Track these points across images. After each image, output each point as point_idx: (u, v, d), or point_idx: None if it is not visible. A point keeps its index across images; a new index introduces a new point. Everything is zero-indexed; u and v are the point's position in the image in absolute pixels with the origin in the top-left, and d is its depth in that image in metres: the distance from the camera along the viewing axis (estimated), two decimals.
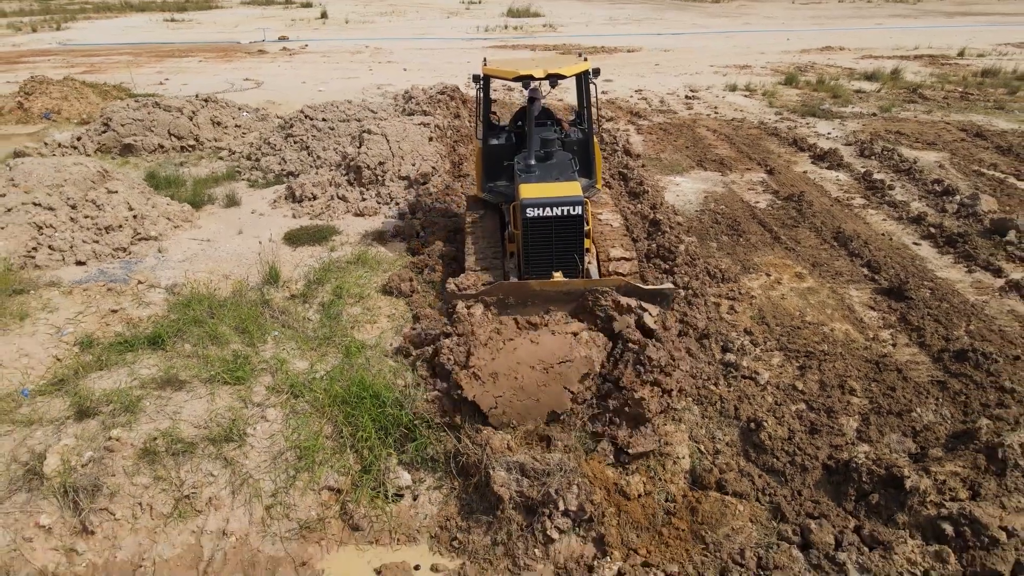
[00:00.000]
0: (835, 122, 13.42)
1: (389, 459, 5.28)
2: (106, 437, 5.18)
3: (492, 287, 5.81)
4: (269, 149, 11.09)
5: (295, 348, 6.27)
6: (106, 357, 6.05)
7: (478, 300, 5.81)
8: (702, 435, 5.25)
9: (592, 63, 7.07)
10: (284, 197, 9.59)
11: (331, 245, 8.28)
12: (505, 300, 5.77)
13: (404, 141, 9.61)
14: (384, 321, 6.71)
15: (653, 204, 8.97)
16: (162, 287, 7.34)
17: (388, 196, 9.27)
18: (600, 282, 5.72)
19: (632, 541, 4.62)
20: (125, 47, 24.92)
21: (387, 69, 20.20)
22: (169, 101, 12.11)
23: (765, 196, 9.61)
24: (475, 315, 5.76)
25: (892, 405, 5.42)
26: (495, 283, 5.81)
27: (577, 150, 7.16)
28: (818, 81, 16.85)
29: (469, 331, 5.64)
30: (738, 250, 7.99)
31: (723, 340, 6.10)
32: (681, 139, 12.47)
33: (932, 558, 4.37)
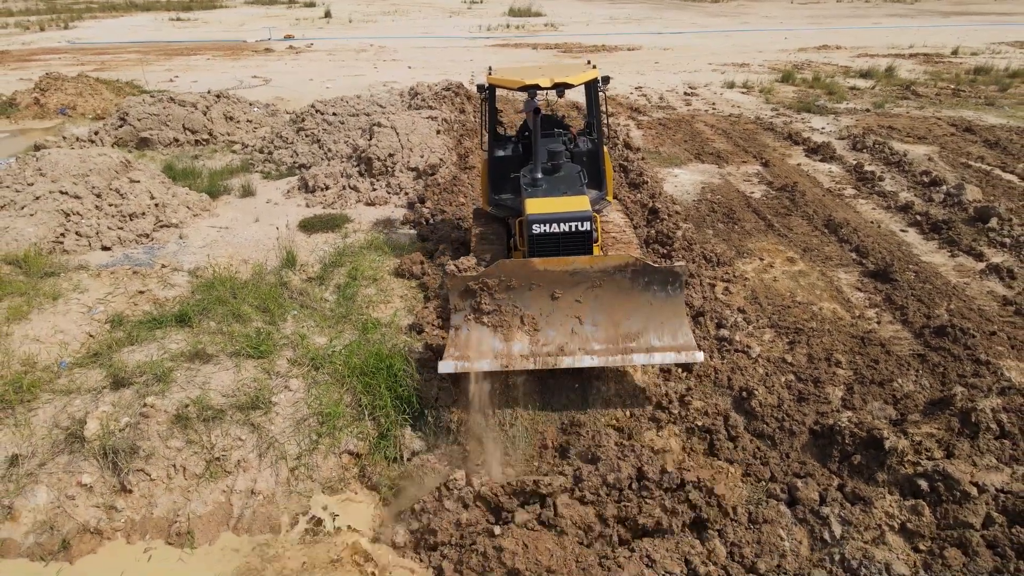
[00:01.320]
0: (829, 117, 13.79)
1: (404, 427, 5.66)
2: (141, 404, 5.56)
3: (493, 267, 5.44)
4: (281, 142, 11.46)
5: (314, 325, 6.65)
6: (136, 333, 6.43)
7: (479, 283, 5.43)
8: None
9: (601, 71, 6.86)
10: (297, 188, 9.96)
11: (344, 232, 8.66)
12: (507, 282, 5.38)
13: (413, 134, 9.99)
14: (397, 301, 7.09)
15: (652, 194, 9.35)
16: (185, 270, 7.72)
17: (398, 186, 9.64)
18: (608, 259, 5.39)
19: None
20: (133, 45, 25.31)
21: (392, 67, 20.58)
22: (184, 96, 12.50)
23: (760, 187, 9.98)
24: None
25: (875, 376, 5.79)
26: (496, 262, 5.49)
27: (586, 161, 6.97)
28: (814, 78, 17.23)
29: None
30: (733, 236, 8.37)
31: (717, 318, 6.47)
32: (679, 134, 12.84)
33: (908, 511, 4.74)
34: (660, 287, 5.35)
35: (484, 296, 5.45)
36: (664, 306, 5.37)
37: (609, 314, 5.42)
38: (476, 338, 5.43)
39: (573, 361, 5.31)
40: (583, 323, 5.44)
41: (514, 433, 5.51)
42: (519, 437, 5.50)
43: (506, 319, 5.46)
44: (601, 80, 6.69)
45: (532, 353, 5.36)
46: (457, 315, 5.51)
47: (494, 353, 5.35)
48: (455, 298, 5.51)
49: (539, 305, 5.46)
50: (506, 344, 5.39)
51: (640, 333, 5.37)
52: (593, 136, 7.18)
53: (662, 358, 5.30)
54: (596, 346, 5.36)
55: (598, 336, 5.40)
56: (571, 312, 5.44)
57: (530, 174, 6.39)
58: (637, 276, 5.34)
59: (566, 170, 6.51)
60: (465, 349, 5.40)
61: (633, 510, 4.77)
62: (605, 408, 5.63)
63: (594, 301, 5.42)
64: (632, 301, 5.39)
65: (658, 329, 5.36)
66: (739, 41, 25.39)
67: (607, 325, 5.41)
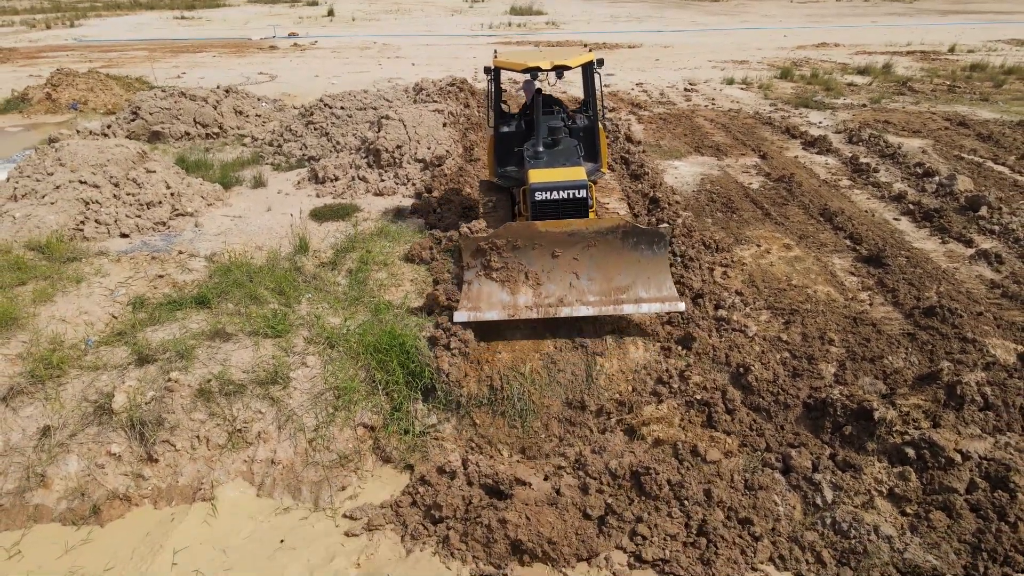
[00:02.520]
0: (827, 112, 14.06)
1: (416, 401, 5.93)
2: (165, 379, 5.83)
3: (500, 229, 6.09)
4: (290, 136, 11.73)
5: (328, 307, 6.91)
6: (158, 314, 6.69)
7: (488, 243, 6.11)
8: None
9: (596, 54, 7.55)
10: (307, 179, 10.23)
11: (354, 220, 8.92)
12: (513, 242, 6.08)
13: (420, 126, 10.25)
14: (408, 284, 7.35)
15: (653, 184, 9.61)
16: (202, 256, 7.98)
17: (406, 177, 9.90)
18: (602, 221, 6.05)
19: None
20: (139, 43, 25.57)
21: (396, 64, 20.85)
22: (194, 91, 12.76)
23: (758, 178, 10.25)
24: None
25: (866, 353, 6.06)
26: (504, 225, 6.13)
27: (583, 136, 7.57)
28: (812, 75, 17.50)
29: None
30: (731, 225, 8.63)
31: (716, 299, 6.74)
32: (680, 128, 13.11)
33: (896, 477, 5.01)
34: (647, 246, 6.04)
35: (493, 255, 6.14)
36: (651, 263, 6.07)
37: (602, 270, 6.09)
38: (486, 292, 6.15)
39: (571, 311, 6.01)
40: (580, 278, 6.12)
41: (522, 407, 5.78)
42: (527, 411, 5.77)
43: (512, 275, 6.15)
44: (596, 63, 7.28)
45: (535, 304, 6.06)
46: (469, 271, 6.20)
47: (502, 305, 6.07)
48: (467, 256, 6.18)
49: (541, 262, 6.14)
50: (512, 297, 6.10)
51: (629, 286, 6.08)
52: (589, 114, 7.79)
53: (649, 308, 6.02)
54: (591, 298, 6.06)
55: (593, 289, 6.10)
56: (569, 268, 6.13)
57: (532, 148, 6.97)
58: (627, 236, 6.00)
59: (565, 144, 7.10)
60: (477, 301, 6.12)
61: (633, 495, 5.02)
62: (608, 383, 5.90)
63: (589, 259, 6.10)
64: (623, 258, 6.07)
65: (645, 283, 6.08)
66: (739, 39, 25.66)
67: (601, 279, 6.10)
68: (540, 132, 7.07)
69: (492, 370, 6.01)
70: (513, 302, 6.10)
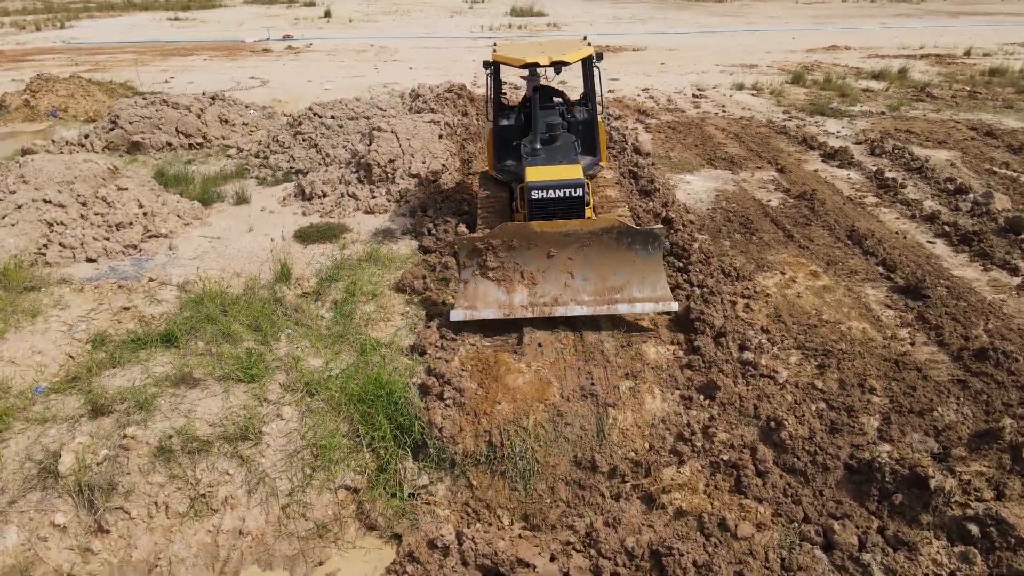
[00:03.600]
0: (844, 121, 13.36)
1: (405, 459, 5.24)
2: (121, 435, 5.15)
3: (497, 229, 6.16)
4: (277, 147, 11.05)
5: (309, 346, 6.23)
6: (119, 355, 6.02)
7: (485, 243, 6.17)
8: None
9: (595, 48, 7.55)
10: (294, 195, 9.55)
11: (342, 243, 8.24)
12: (509, 242, 6.13)
13: (414, 139, 9.57)
14: (398, 319, 6.67)
15: (664, 202, 8.92)
16: (174, 284, 7.30)
17: (399, 194, 9.22)
18: (597, 222, 6.15)
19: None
20: (129, 45, 24.89)
21: (392, 68, 20.17)
22: (177, 99, 12.08)
23: (776, 194, 9.56)
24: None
25: (913, 404, 5.37)
26: (500, 225, 6.23)
27: (582, 130, 7.63)
28: (825, 80, 16.81)
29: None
30: (751, 248, 7.94)
31: (740, 339, 6.05)
32: (690, 137, 12.42)
33: (958, 559, 4.33)
34: (641, 246, 6.11)
35: (489, 254, 6.22)
36: (645, 263, 6.16)
37: (597, 269, 6.18)
38: (482, 291, 6.23)
39: (565, 310, 6.09)
40: (575, 277, 6.21)
41: (524, 467, 5.10)
42: (530, 472, 5.09)
43: (508, 274, 6.23)
44: (595, 57, 7.36)
45: (531, 303, 6.15)
46: (466, 271, 6.28)
47: (498, 303, 6.17)
48: (464, 256, 6.26)
49: (537, 262, 6.22)
50: (508, 296, 6.19)
51: (624, 286, 6.17)
52: (588, 107, 7.86)
53: (642, 307, 6.13)
54: (586, 297, 6.15)
55: (587, 288, 6.18)
56: (564, 268, 6.21)
57: (530, 144, 7.00)
58: (621, 237, 6.09)
59: (562, 140, 7.17)
60: (473, 300, 6.20)
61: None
62: (622, 438, 5.22)
63: (584, 259, 6.19)
64: (617, 258, 6.15)
65: (639, 283, 6.16)
66: (745, 41, 24.96)
67: (595, 279, 6.19)
68: (538, 129, 7.08)
69: (491, 423, 5.33)
70: (509, 301, 6.16)
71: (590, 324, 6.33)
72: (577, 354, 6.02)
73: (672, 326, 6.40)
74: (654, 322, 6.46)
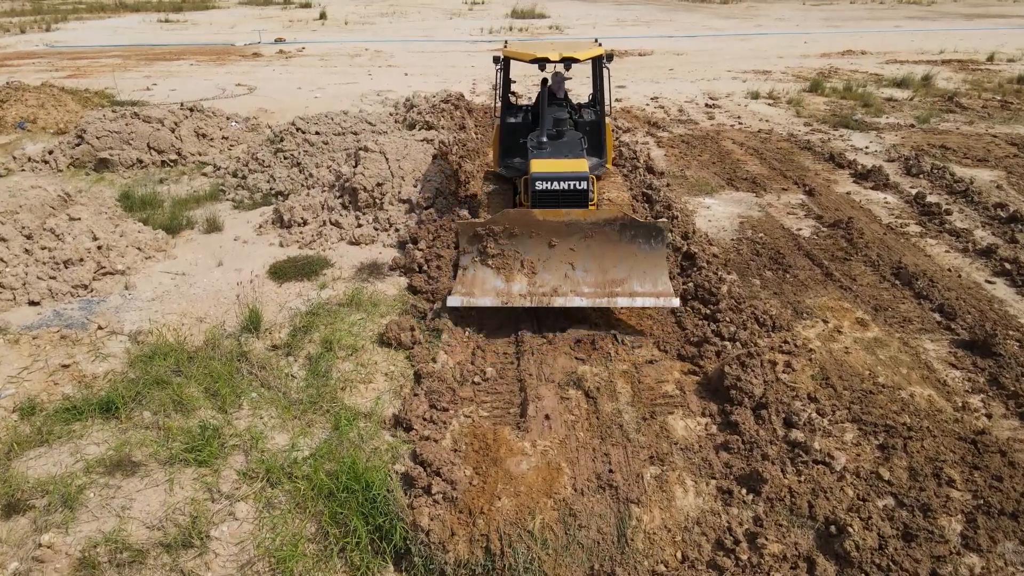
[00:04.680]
0: (871, 134, 12.41)
1: (385, 570, 4.29)
2: (36, 544, 4.20)
3: (498, 216, 6.09)
4: (257, 165, 10.10)
5: (275, 416, 5.29)
6: (48, 428, 5.07)
7: (486, 229, 6.11)
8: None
9: (605, 48, 7.49)
10: (271, 221, 8.60)
11: (321, 281, 7.29)
12: (511, 229, 6.05)
13: (405, 160, 8.62)
14: (380, 380, 5.72)
15: (685, 232, 7.97)
16: (125, 333, 6.36)
17: (387, 221, 8.28)
18: (600, 213, 6.09)
19: None
20: (114, 49, 23.95)
21: (387, 73, 19.23)
22: (149, 111, 11.12)
23: (807, 222, 8.61)
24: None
25: (1002, 501, 4.42)
26: (501, 212, 6.16)
27: (589, 130, 7.56)
28: (845, 88, 15.86)
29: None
30: (786, 288, 6.99)
31: (785, 411, 5.10)
32: (706, 153, 11.47)
33: None
34: (644, 240, 6.03)
35: (490, 241, 6.15)
36: (647, 257, 6.07)
37: (598, 261, 6.09)
38: (481, 278, 6.15)
39: (565, 301, 6.00)
40: (575, 268, 6.12)
41: None
42: None
43: (508, 262, 6.16)
44: (605, 57, 7.35)
45: (529, 292, 6.05)
46: (465, 257, 6.23)
47: (496, 291, 6.08)
48: (464, 242, 6.20)
49: (537, 251, 6.14)
50: (507, 284, 6.10)
51: (625, 279, 6.07)
52: (596, 108, 7.83)
53: (643, 301, 5.99)
54: (586, 289, 6.04)
55: (588, 280, 6.08)
56: (565, 259, 6.13)
57: (536, 138, 6.92)
58: (624, 229, 6.02)
59: (569, 136, 7.08)
60: (471, 287, 6.12)
61: None
62: (649, 545, 4.27)
63: (586, 250, 6.10)
64: (619, 251, 6.07)
65: (641, 276, 6.07)
66: (756, 45, 24.02)
67: (596, 271, 6.10)
68: (545, 123, 7.01)
69: (488, 525, 4.37)
70: (507, 289, 6.07)
71: (607, 392, 5.40)
72: (591, 429, 5.08)
73: (702, 391, 5.46)
74: (680, 385, 5.52)
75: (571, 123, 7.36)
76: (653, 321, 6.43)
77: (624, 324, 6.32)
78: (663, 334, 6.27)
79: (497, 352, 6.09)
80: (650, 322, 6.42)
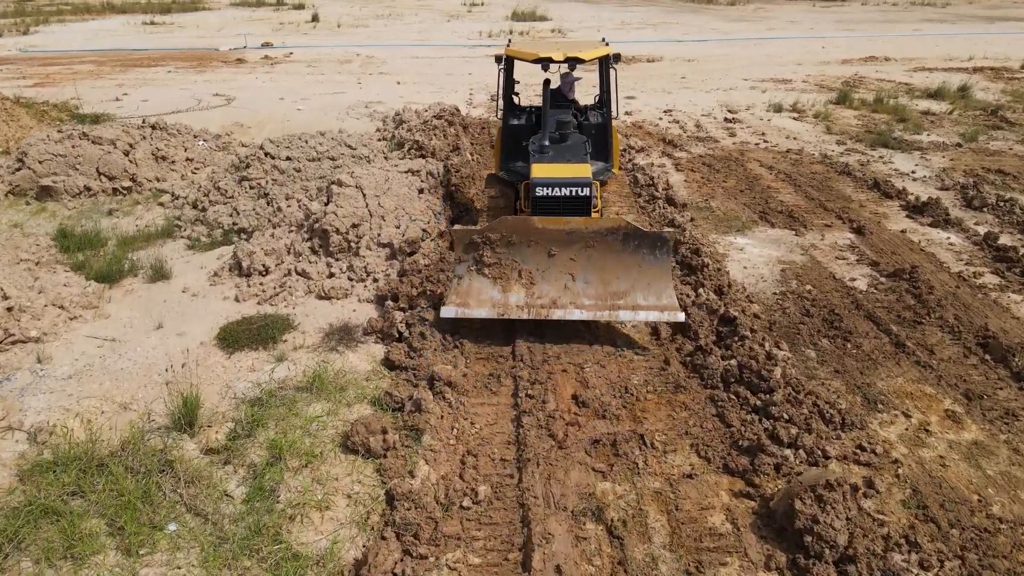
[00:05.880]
0: (914, 155, 11.11)
1: None
2: None
3: (495, 223, 5.88)
4: (219, 196, 8.79)
5: (197, 558, 3.98)
6: None
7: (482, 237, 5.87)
8: None
9: (613, 48, 7.15)
10: (229, 268, 7.30)
11: (280, 351, 5.99)
12: (508, 237, 5.83)
13: (386, 195, 7.32)
14: (341, 505, 4.41)
15: (719, 286, 6.67)
16: (24, 429, 5.05)
17: (363, 270, 6.98)
18: (602, 221, 5.85)
19: None
20: (91, 54, 22.65)
21: (378, 82, 17.92)
22: (100, 131, 9.81)
23: (861, 269, 7.30)
24: None
25: None
26: (499, 219, 5.99)
27: (595, 134, 7.31)
28: (876, 100, 14.55)
29: None
30: (849, 364, 5.69)
31: (881, 567, 3.78)
32: (731, 179, 10.16)
33: None
34: (649, 250, 5.75)
35: (486, 249, 5.87)
36: (651, 268, 5.79)
37: (600, 272, 5.83)
38: (477, 287, 5.89)
39: (564, 314, 5.75)
40: (576, 280, 5.86)
41: None
42: None
43: (505, 272, 5.89)
44: (612, 58, 7.04)
45: (527, 304, 5.79)
46: (460, 266, 5.95)
47: (492, 302, 5.83)
48: (459, 250, 5.93)
49: (536, 261, 5.89)
50: (504, 295, 5.85)
51: (627, 292, 5.80)
52: (603, 111, 7.58)
53: (646, 316, 5.76)
54: (586, 301, 5.79)
55: (588, 292, 5.82)
56: (565, 269, 5.87)
57: (538, 142, 6.68)
58: (628, 239, 5.75)
59: (573, 140, 6.86)
60: (466, 297, 5.87)
61: None
62: None
63: (587, 260, 5.85)
64: (622, 262, 5.81)
65: (644, 289, 5.79)
66: (771, 50, 22.72)
67: (597, 283, 5.83)
68: (547, 126, 6.79)
69: None
70: (504, 300, 5.86)
71: (635, 526, 4.09)
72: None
73: (761, 528, 4.15)
74: (731, 515, 4.22)
75: (575, 126, 7.09)
76: (688, 412, 5.13)
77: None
78: (702, 432, 4.97)
79: (493, 458, 4.78)
80: (684, 413, 5.13)
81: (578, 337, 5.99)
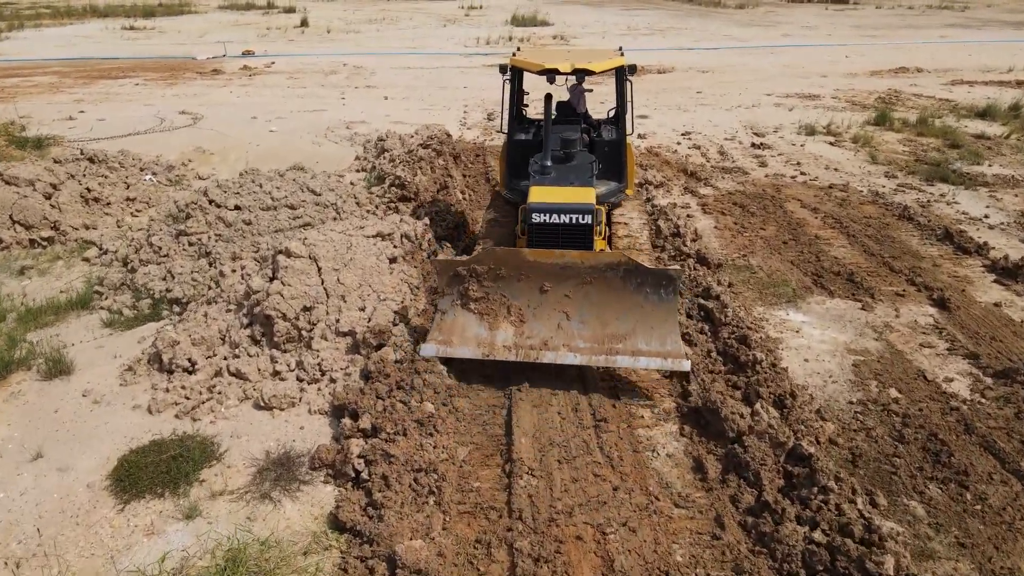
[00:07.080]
0: (981, 193, 9.52)
1: None
2: None
3: (482, 253, 5.43)
4: (151, 253, 7.21)
5: None
6: None
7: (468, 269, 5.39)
8: None
9: (628, 59, 6.67)
10: (148, 359, 5.73)
11: (191, 500, 4.40)
12: (496, 270, 5.36)
13: (347, 268, 5.73)
14: None
15: (779, 396, 5.08)
16: None
17: (317, 368, 5.40)
18: (602, 256, 5.41)
19: None
20: (58, 64, 21.07)
21: (364, 96, 16.35)
22: (16, 171, 8.21)
23: (957, 364, 5.71)
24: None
25: None
26: (485, 249, 5.54)
27: (608, 151, 6.89)
28: (919, 120, 12.97)
29: None
30: (973, 528, 4.10)
31: None
32: (770, 224, 8.58)
33: None
34: (653, 290, 5.29)
35: (472, 282, 5.45)
36: (656, 310, 5.30)
37: (598, 312, 5.37)
38: (461, 324, 5.45)
39: (555, 357, 5.26)
40: (570, 319, 5.39)
41: None
42: None
43: (493, 308, 5.45)
44: (627, 69, 6.54)
45: (516, 345, 5.33)
46: (444, 300, 5.55)
47: (477, 341, 5.37)
48: (443, 283, 5.54)
49: (527, 297, 5.44)
50: (490, 333, 5.39)
51: (628, 335, 5.29)
52: (618, 127, 7.08)
53: (647, 363, 5.20)
54: (581, 344, 5.29)
55: (584, 334, 5.33)
56: (559, 307, 5.42)
57: (539, 161, 6.26)
58: (629, 276, 5.30)
59: (579, 159, 6.42)
60: (449, 334, 5.41)
61: None
62: None
63: (584, 298, 5.39)
64: (623, 301, 5.33)
65: (647, 333, 5.27)
66: (790, 60, 21.13)
67: (594, 324, 5.35)
68: (549, 143, 6.28)
69: None
70: (490, 339, 5.33)
71: None
72: None
73: None
74: None
75: (585, 143, 6.69)
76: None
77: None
78: None
79: None
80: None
81: (595, 486, 4.40)
